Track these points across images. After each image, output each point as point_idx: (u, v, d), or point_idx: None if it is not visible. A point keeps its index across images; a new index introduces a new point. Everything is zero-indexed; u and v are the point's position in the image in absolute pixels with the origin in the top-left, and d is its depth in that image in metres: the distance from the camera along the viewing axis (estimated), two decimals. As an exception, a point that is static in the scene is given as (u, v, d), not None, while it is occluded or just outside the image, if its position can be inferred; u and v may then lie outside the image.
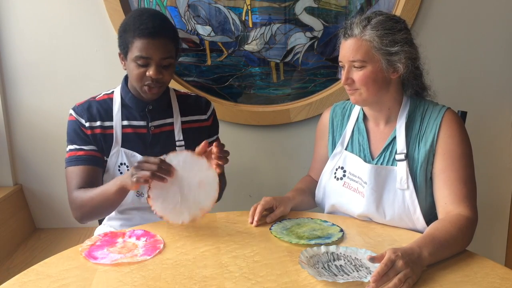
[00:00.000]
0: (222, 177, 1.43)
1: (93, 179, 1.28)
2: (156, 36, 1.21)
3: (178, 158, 1.12)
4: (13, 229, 1.79)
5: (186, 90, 1.49)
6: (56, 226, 1.96)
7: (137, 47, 1.21)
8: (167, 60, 1.24)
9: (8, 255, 1.71)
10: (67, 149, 1.31)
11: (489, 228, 2.05)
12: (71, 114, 1.32)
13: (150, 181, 1.08)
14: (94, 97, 1.35)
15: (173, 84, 1.78)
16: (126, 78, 1.35)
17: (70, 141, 1.31)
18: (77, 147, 1.29)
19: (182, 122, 1.38)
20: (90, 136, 1.30)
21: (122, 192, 1.18)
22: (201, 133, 1.41)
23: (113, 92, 1.36)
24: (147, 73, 1.23)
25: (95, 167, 1.30)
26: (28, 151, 1.89)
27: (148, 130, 1.34)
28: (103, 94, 1.36)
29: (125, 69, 1.31)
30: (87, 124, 1.30)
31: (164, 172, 1.08)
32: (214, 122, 1.45)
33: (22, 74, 1.83)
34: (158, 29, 1.21)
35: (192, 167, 1.12)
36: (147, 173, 1.07)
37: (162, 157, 1.12)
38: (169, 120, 1.37)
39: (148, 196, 1.10)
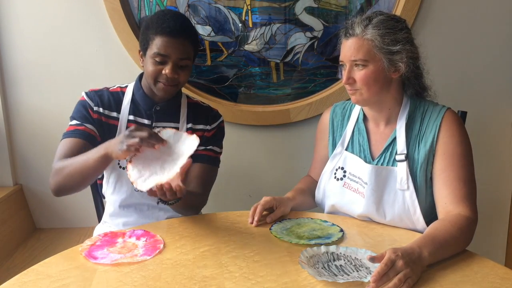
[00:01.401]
0: (203, 196, 1.37)
1: (81, 153, 1.23)
2: (176, 35, 1.22)
3: (171, 136, 1.11)
4: (13, 229, 1.79)
5: (199, 99, 1.48)
6: (56, 226, 1.96)
7: (156, 44, 1.23)
8: (185, 61, 1.25)
9: (8, 255, 1.71)
10: (69, 125, 1.31)
11: (489, 228, 2.05)
12: (82, 96, 1.34)
13: (141, 150, 1.05)
14: (108, 88, 1.37)
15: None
16: (140, 76, 1.37)
17: (73, 118, 1.32)
18: (78, 122, 1.30)
19: (187, 129, 1.37)
20: (96, 120, 1.31)
21: (104, 160, 1.14)
22: (200, 143, 1.39)
23: (127, 86, 1.38)
24: (163, 71, 1.24)
25: (88, 143, 1.28)
26: (28, 151, 1.89)
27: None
28: (117, 87, 1.38)
29: (142, 66, 1.32)
30: (95, 108, 1.32)
31: (154, 140, 1.06)
32: (215, 134, 1.42)
33: (22, 73, 1.83)
34: (180, 29, 1.23)
35: (181, 145, 1.11)
36: (137, 140, 1.05)
37: (155, 130, 1.12)
38: (173, 125, 1.36)
39: (130, 161, 1.07)
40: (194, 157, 1.38)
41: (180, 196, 1.09)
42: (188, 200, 1.25)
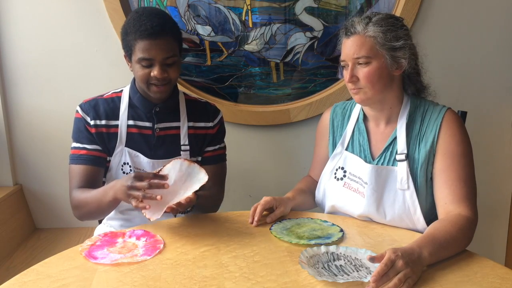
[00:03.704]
0: (220, 194, 1.44)
1: (93, 179, 1.30)
2: (157, 36, 1.20)
3: (175, 168, 1.14)
4: (13, 229, 1.79)
5: (197, 96, 1.49)
6: (56, 226, 1.96)
7: (139, 49, 1.21)
8: (171, 59, 1.24)
9: (8, 255, 1.71)
10: (72, 146, 1.32)
11: (489, 228, 2.05)
12: (77, 111, 1.32)
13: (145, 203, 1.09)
14: (102, 95, 1.36)
15: (173, 84, 1.78)
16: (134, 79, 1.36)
17: (75, 139, 1.32)
18: (80, 145, 1.30)
19: (189, 127, 1.37)
20: (95, 135, 1.31)
21: (115, 203, 1.20)
22: (205, 140, 1.41)
23: (122, 90, 1.36)
24: (151, 74, 1.23)
25: (96, 167, 1.31)
26: (28, 151, 1.89)
27: (153, 131, 1.34)
28: (112, 93, 1.36)
29: (132, 70, 1.31)
30: (92, 122, 1.30)
31: (156, 187, 1.09)
32: (219, 131, 1.44)
33: (22, 74, 1.83)
34: (158, 29, 1.20)
35: (186, 177, 1.15)
36: (140, 193, 1.08)
37: (157, 170, 1.15)
38: (175, 124, 1.37)
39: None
40: (206, 160, 1.40)
41: (191, 206, 1.15)
42: (206, 202, 1.30)
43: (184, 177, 1.15)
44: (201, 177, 1.14)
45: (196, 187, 1.12)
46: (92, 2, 1.78)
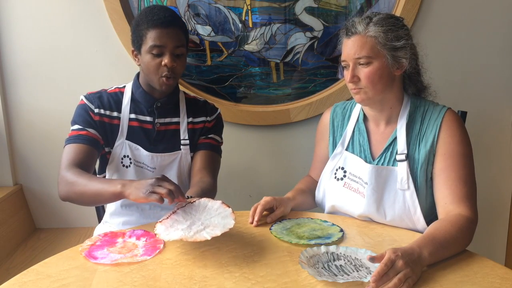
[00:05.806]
0: (213, 186, 1.36)
1: (87, 159, 1.27)
2: (168, 25, 1.26)
3: (206, 204, 1.08)
4: (13, 229, 1.79)
5: (196, 95, 1.51)
6: (56, 226, 1.96)
7: (151, 37, 1.25)
8: (180, 49, 1.28)
9: (8, 255, 1.71)
10: (70, 130, 1.32)
11: (489, 228, 2.05)
12: (81, 99, 1.35)
13: (166, 200, 1.02)
14: (106, 89, 1.39)
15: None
16: (138, 74, 1.39)
17: (75, 122, 1.32)
18: (81, 127, 1.31)
19: (188, 123, 1.41)
20: (98, 122, 1.32)
21: (118, 197, 1.12)
22: (201, 132, 1.43)
23: (125, 86, 1.40)
24: (162, 62, 1.26)
25: (92, 148, 1.29)
26: (28, 151, 1.89)
27: (153, 126, 1.37)
28: (115, 88, 1.40)
29: (139, 65, 1.33)
30: (96, 110, 1.33)
31: (180, 195, 1.04)
32: (215, 124, 1.46)
33: (22, 74, 1.83)
34: (170, 19, 1.27)
35: (215, 217, 1.06)
36: (165, 191, 1.01)
37: (189, 199, 1.09)
38: (175, 120, 1.40)
39: (160, 221, 1.04)
40: (197, 147, 1.41)
41: None
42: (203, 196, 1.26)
43: (207, 213, 1.07)
44: (230, 217, 1.04)
45: (218, 232, 0.99)
46: (92, 2, 1.78)
